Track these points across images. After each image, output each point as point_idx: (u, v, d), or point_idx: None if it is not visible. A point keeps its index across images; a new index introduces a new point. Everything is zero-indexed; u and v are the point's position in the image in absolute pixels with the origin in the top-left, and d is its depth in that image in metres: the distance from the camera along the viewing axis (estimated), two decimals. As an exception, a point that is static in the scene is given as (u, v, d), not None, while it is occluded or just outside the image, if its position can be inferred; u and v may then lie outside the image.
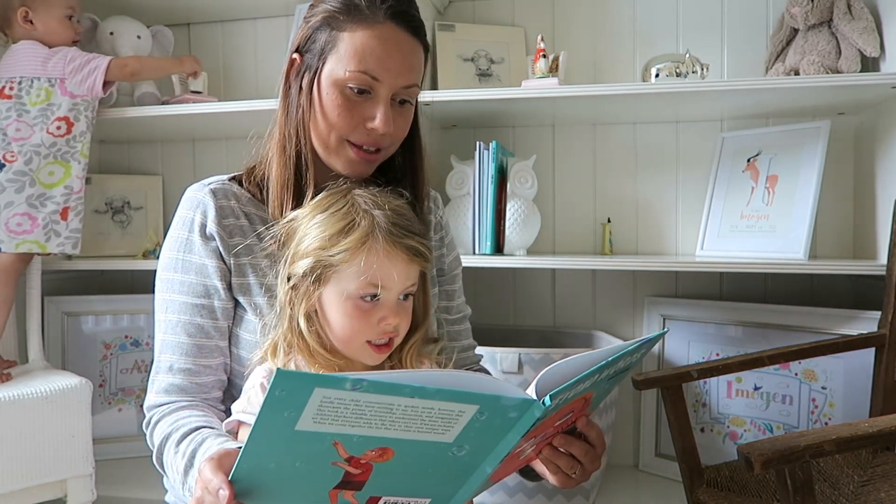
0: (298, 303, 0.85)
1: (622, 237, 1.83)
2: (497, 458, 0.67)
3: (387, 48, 0.87)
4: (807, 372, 1.56)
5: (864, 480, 1.21)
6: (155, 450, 0.88)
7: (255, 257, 0.92)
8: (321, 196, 0.88)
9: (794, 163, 1.56)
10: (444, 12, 1.90)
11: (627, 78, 1.80)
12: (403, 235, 0.83)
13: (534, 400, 0.63)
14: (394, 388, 0.56)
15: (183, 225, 0.93)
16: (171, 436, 0.85)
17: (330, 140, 0.90)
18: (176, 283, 0.92)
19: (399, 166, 0.99)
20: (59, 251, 1.63)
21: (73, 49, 1.65)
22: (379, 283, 0.81)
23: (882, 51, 1.49)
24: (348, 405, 0.56)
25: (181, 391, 0.90)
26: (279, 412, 0.55)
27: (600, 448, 0.82)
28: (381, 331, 0.84)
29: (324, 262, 0.82)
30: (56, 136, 1.61)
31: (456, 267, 1.11)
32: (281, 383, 0.53)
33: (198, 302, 0.91)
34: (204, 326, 0.91)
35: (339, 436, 0.59)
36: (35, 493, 1.45)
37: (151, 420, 0.90)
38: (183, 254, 0.92)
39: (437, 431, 0.61)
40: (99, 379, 1.91)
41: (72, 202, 1.63)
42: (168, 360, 0.91)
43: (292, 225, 0.87)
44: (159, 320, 0.93)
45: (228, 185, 0.95)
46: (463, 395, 0.59)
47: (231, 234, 0.92)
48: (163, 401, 0.90)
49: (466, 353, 1.11)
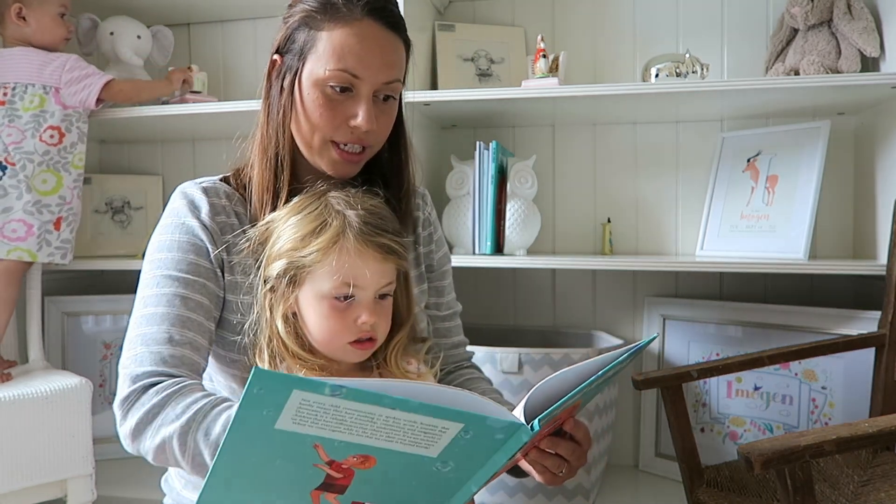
0: (276, 305, 0.85)
1: (622, 237, 1.83)
2: (483, 477, 0.66)
3: (365, 45, 0.87)
4: (807, 372, 1.56)
5: (864, 480, 1.21)
6: (181, 421, 0.75)
7: (242, 257, 0.92)
8: (297, 198, 0.88)
9: (794, 163, 1.56)
10: (444, 12, 1.90)
11: (627, 78, 1.80)
12: (375, 234, 0.83)
13: (521, 424, 0.62)
14: (374, 398, 0.55)
15: (177, 214, 0.92)
16: (230, 404, 0.76)
17: (314, 141, 0.90)
18: (169, 261, 0.87)
19: (385, 162, 0.99)
20: (49, 260, 1.62)
21: (72, 58, 1.63)
22: (352, 283, 0.82)
23: (882, 51, 1.49)
24: (328, 410, 0.56)
25: (185, 365, 0.82)
26: (258, 410, 0.55)
27: (586, 445, 0.82)
28: (359, 330, 0.84)
29: (297, 264, 0.83)
30: (49, 144, 1.60)
31: (445, 263, 1.11)
32: (258, 382, 0.53)
33: (196, 279, 0.87)
34: (203, 304, 0.87)
35: (319, 438, 0.58)
36: (35, 493, 1.45)
37: (155, 386, 0.79)
38: (178, 235, 0.90)
39: (421, 445, 0.60)
40: (99, 379, 1.91)
41: (64, 212, 1.63)
42: (164, 332, 0.82)
43: (269, 227, 0.88)
44: (145, 297, 0.86)
45: (220, 185, 0.96)
46: (446, 412, 0.58)
47: (223, 230, 0.92)
48: (167, 370, 0.81)
49: (457, 350, 1.11)
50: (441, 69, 1.78)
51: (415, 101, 1.56)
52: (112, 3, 1.86)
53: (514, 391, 1.50)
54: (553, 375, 0.70)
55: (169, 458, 0.76)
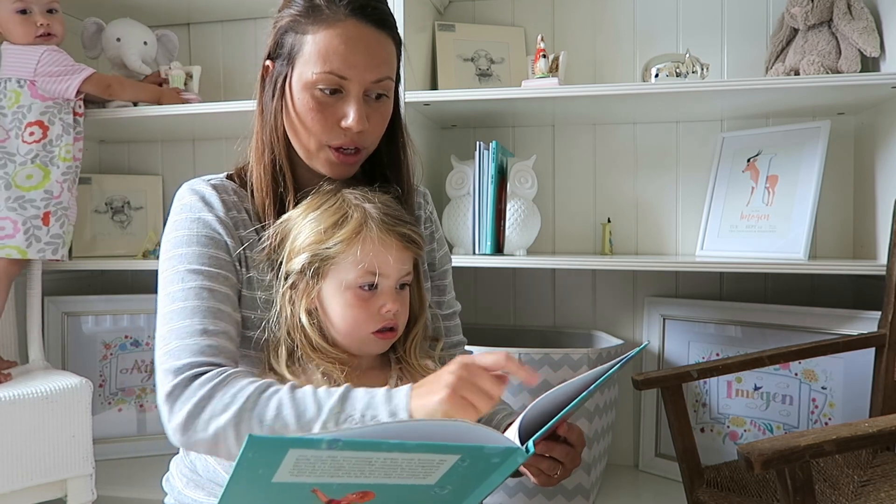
0: (298, 300, 0.86)
1: (622, 237, 1.83)
2: (480, 496, 0.67)
3: (350, 45, 0.87)
4: (807, 372, 1.56)
5: (864, 480, 1.21)
6: (232, 412, 0.75)
7: (254, 252, 0.92)
8: (311, 197, 0.90)
9: (794, 163, 1.56)
10: (444, 12, 1.90)
11: (627, 78, 1.80)
12: (396, 224, 0.85)
13: (517, 448, 0.63)
14: (371, 446, 0.55)
15: (191, 208, 0.91)
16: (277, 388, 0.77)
17: (309, 144, 0.91)
18: (192, 255, 0.87)
19: (385, 160, 0.99)
20: (40, 257, 1.60)
21: (55, 53, 1.60)
22: (377, 271, 0.84)
23: (882, 51, 1.49)
24: (325, 461, 0.55)
25: (227, 355, 0.82)
26: (253, 470, 0.55)
27: (580, 447, 0.83)
28: (382, 318, 0.85)
29: (321, 256, 0.84)
30: (30, 143, 1.57)
31: (446, 262, 1.12)
32: (252, 448, 0.52)
33: (221, 272, 0.87)
34: (230, 296, 0.87)
35: (317, 484, 0.58)
36: (35, 493, 1.45)
37: (203, 378, 0.78)
38: (197, 228, 0.89)
39: (419, 476, 0.60)
40: (99, 379, 1.91)
41: (52, 207, 1.59)
42: (198, 324, 0.82)
43: (286, 225, 0.89)
44: (170, 293, 0.85)
45: (227, 182, 0.96)
46: (444, 448, 0.58)
47: (237, 226, 0.92)
48: (208, 360, 0.80)
49: (456, 350, 1.12)
50: (441, 69, 1.78)
51: (415, 101, 1.56)
52: (112, 3, 1.86)
53: (513, 391, 1.50)
54: (548, 393, 0.72)
55: (221, 450, 0.76)
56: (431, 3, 1.80)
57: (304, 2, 0.88)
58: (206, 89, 1.92)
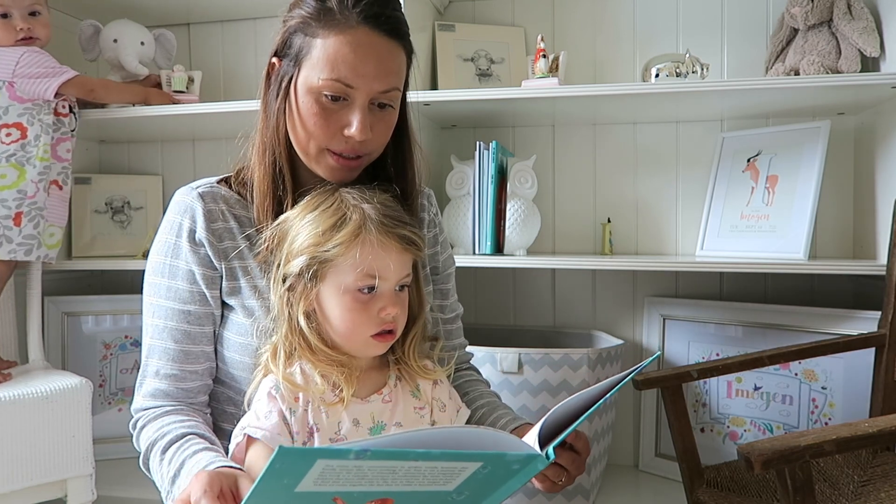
0: (297, 303, 0.85)
1: (622, 237, 1.83)
2: (496, 500, 0.67)
3: (360, 54, 0.84)
4: (807, 372, 1.56)
5: (864, 480, 1.21)
6: (142, 454, 0.90)
7: (245, 260, 0.92)
8: (308, 198, 0.88)
9: (794, 163, 1.56)
10: (444, 12, 1.90)
11: (627, 78, 1.80)
12: (395, 225, 0.84)
13: (537, 455, 0.63)
14: (399, 455, 0.55)
15: (171, 229, 0.93)
16: (156, 442, 0.87)
17: (310, 148, 0.89)
18: (163, 287, 0.92)
19: (391, 163, 0.98)
20: (11, 258, 1.57)
21: (36, 55, 1.58)
22: (376, 274, 0.82)
23: (882, 51, 1.49)
24: (350, 470, 0.55)
25: (167, 396, 0.91)
26: (279, 480, 0.55)
27: (586, 454, 0.84)
28: (381, 321, 0.84)
29: (319, 258, 0.83)
30: (8, 143, 1.55)
31: (450, 266, 1.11)
32: (282, 458, 0.52)
33: (184, 308, 0.91)
34: (190, 332, 0.91)
35: (340, 493, 0.58)
36: (35, 493, 1.45)
37: (137, 423, 0.92)
38: (171, 259, 0.92)
39: (439, 483, 0.61)
40: (99, 379, 1.91)
41: (25, 207, 1.57)
42: (155, 365, 0.92)
43: (283, 227, 0.88)
44: (146, 324, 0.94)
45: (217, 189, 0.95)
46: (468, 456, 0.58)
47: (221, 238, 0.92)
48: (149, 405, 0.92)
49: (457, 352, 1.11)
50: (441, 69, 1.78)
51: (415, 101, 1.55)
52: (111, 4, 1.86)
53: (513, 391, 1.50)
54: (565, 401, 0.72)
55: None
56: (431, 3, 1.80)
57: (316, 3, 0.86)
58: (206, 89, 1.91)
